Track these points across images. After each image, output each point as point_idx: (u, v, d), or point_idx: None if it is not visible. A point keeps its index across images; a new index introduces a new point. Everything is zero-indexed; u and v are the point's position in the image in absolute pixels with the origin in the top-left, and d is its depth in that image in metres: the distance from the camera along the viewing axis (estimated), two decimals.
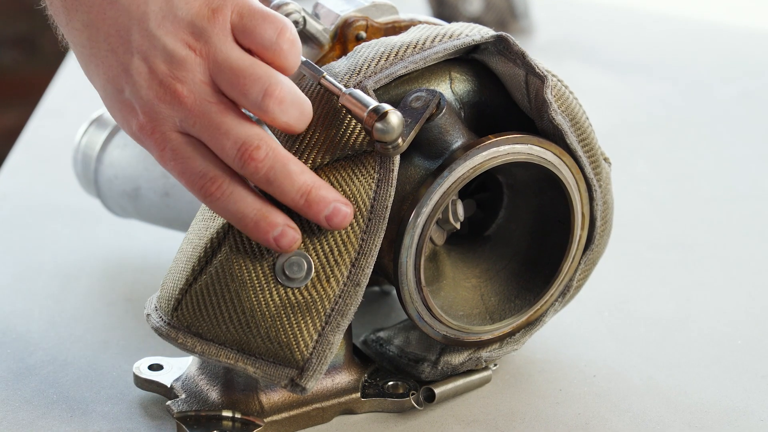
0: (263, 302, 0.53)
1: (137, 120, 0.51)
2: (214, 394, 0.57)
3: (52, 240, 0.77)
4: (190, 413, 0.56)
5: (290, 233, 0.52)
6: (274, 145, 0.51)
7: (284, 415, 0.57)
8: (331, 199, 0.52)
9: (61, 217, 0.80)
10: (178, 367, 0.59)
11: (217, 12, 0.51)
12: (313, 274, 0.54)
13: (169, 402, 0.57)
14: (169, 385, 0.58)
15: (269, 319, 0.53)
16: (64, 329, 0.66)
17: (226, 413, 0.56)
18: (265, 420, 0.56)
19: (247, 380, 0.56)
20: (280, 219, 0.52)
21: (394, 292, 0.65)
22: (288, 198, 0.52)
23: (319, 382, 0.57)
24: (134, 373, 0.59)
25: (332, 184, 0.54)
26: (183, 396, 0.57)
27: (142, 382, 0.59)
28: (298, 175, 0.52)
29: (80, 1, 0.52)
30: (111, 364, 0.62)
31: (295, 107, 0.51)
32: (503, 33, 0.56)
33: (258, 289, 0.53)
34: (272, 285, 0.53)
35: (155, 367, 0.59)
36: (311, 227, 0.54)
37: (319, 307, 0.54)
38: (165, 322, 0.54)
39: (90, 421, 0.57)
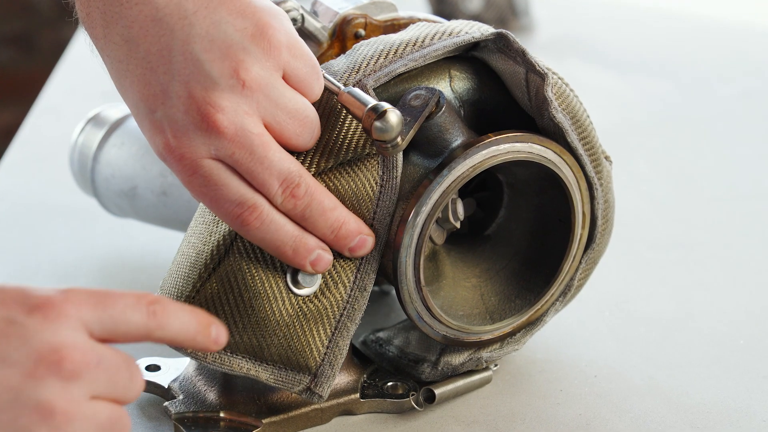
0: (277, 312, 0.53)
1: (165, 140, 0.50)
2: (212, 395, 0.57)
3: (48, 239, 0.76)
4: (187, 414, 0.56)
5: (325, 257, 0.53)
6: (310, 182, 0.52)
7: (282, 416, 0.56)
8: (356, 233, 0.53)
9: (57, 216, 0.79)
10: (175, 367, 0.59)
11: (273, 44, 0.50)
12: (321, 281, 0.54)
13: (166, 403, 0.57)
14: (166, 386, 0.58)
15: (283, 328, 0.53)
16: None
17: (224, 414, 0.56)
18: (263, 421, 0.56)
19: (246, 381, 0.56)
20: (313, 242, 0.53)
21: (394, 292, 0.65)
22: (318, 232, 0.53)
23: None
24: None
25: (336, 189, 0.54)
26: (181, 397, 0.57)
27: None
28: (331, 212, 0.53)
29: (122, 15, 0.50)
30: None
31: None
32: (503, 30, 0.56)
33: (272, 299, 0.53)
34: (285, 295, 0.53)
35: (153, 368, 0.59)
36: None
37: (329, 313, 0.54)
38: None
39: None
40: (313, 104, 0.54)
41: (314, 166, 0.53)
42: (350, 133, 0.54)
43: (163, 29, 0.50)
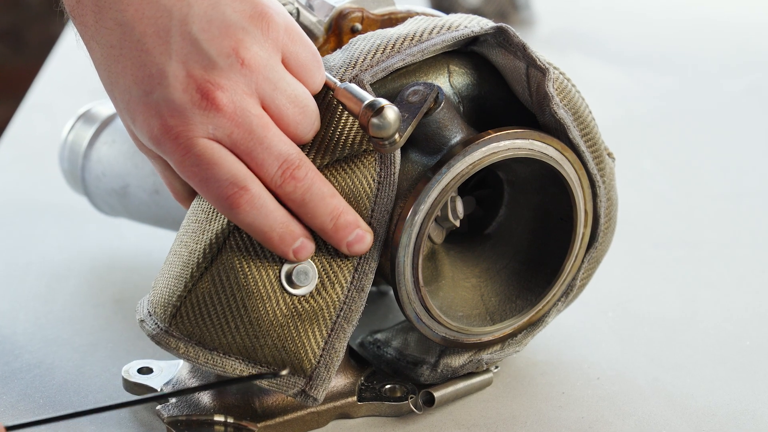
0: (270, 312, 0.52)
1: (161, 122, 0.50)
2: (205, 398, 0.56)
3: (38, 239, 0.76)
4: (180, 418, 0.56)
5: (308, 245, 0.52)
6: (310, 166, 0.51)
7: (278, 419, 0.56)
8: (355, 225, 0.52)
9: (47, 215, 0.79)
10: (168, 370, 0.59)
11: (271, 26, 0.50)
12: (317, 280, 0.53)
13: (159, 406, 0.57)
14: (159, 389, 0.57)
15: (277, 328, 0.53)
16: (50, 331, 0.65)
17: (218, 418, 0.55)
18: (259, 425, 0.55)
19: (240, 384, 0.55)
20: (299, 230, 0.52)
21: (392, 292, 0.64)
22: (318, 221, 0.52)
23: None
24: (123, 377, 0.58)
25: (333, 186, 0.53)
26: (173, 400, 0.57)
27: (131, 386, 0.58)
28: (331, 198, 0.52)
29: None
30: (99, 368, 0.62)
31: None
32: (503, 24, 0.56)
33: (265, 298, 0.52)
34: (279, 294, 0.53)
35: (145, 371, 0.59)
36: (313, 233, 0.53)
37: (325, 314, 0.53)
38: (162, 329, 0.53)
39: (78, 426, 0.56)
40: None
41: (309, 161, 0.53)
42: (347, 129, 0.53)
43: (160, 11, 0.50)
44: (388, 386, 0.58)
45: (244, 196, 0.50)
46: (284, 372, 0.52)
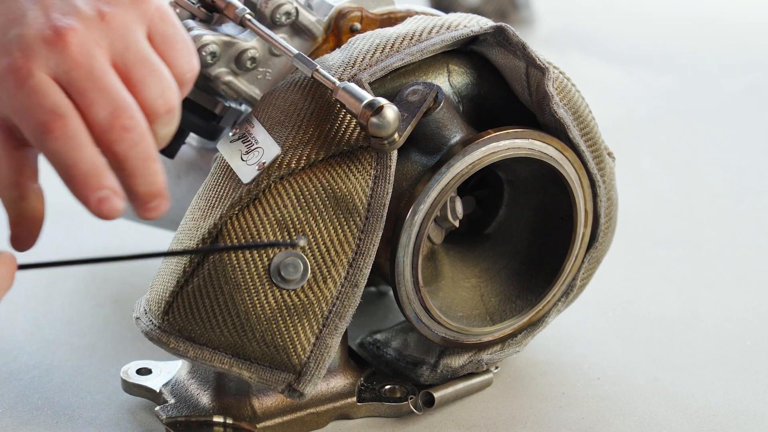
0: (258, 305, 0.52)
1: (8, 59, 0.49)
2: (204, 399, 0.56)
3: None
4: (179, 419, 0.55)
5: (116, 202, 0.49)
6: (144, 124, 0.49)
7: (277, 420, 0.56)
8: (162, 191, 0.50)
9: (46, 215, 0.78)
10: (167, 371, 0.59)
11: (143, 0, 0.50)
12: (309, 275, 0.53)
13: (158, 407, 0.56)
14: (158, 390, 0.57)
15: (264, 323, 0.52)
16: (49, 332, 0.65)
17: (218, 419, 0.55)
18: (258, 426, 0.55)
19: (239, 384, 0.56)
20: (110, 182, 0.49)
21: (392, 292, 0.64)
22: (135, 181, 0.49)
23: None
24: (122, 378, 0.58)
25: (327, 181, 0.52)
26: (172, 401, 0.57)
27: (130, 387, 0.58)
28: (154, 163, 0.49)
29: None
30: (98, 369, 0.61)
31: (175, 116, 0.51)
32: (503, 24, 0.56)
33: (252, 291, 0.52)
34: (267, 287, 0.52)
35: (144, 372, 0.58)
36: (308, 228, 0.53)
37: (316, 309, 0.53)
38: (155, 325, 0.53)
39: (76, 428, 0.57)
40: (306, 96, 0.53)
41: (305, 158, 0.53)
42: (344, 125, 0.53)
43: None
44: (387, 387, 0.58)
45: (58, 122, 0.48)
46: (302, 243, 0.50)
